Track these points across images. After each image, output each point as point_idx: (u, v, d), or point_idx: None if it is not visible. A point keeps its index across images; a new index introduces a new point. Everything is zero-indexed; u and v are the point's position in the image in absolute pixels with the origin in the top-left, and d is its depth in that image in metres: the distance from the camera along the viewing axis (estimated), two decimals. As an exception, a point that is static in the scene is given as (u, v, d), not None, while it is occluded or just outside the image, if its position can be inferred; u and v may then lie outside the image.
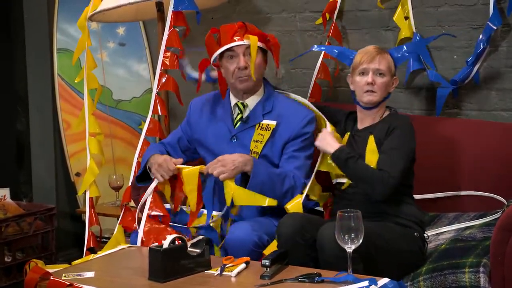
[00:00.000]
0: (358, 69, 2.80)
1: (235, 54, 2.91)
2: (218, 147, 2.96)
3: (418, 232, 2.69)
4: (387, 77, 2.79)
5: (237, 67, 2.90)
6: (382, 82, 2.78)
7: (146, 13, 3.68)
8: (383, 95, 2.80)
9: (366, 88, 2.78)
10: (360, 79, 2.80)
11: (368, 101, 2.79)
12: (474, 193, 2.99)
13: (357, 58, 2.82)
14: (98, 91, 3.59)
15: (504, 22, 3.15)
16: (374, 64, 2.78)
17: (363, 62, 2.79)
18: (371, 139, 2.76)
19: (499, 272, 2.41)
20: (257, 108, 2.96)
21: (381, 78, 2.78)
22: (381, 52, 2.81)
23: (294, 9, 3.69)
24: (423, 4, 3.35)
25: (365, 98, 2.79)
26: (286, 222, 2.63)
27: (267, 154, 2.90)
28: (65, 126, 4.26)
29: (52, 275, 2.43)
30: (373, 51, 2.80)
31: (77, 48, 3.60)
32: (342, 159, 2.72)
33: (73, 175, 4.28)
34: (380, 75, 2.78)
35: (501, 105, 3.23)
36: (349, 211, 2.26)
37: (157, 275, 2.39)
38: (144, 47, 4.18)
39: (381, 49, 2.84)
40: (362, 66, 2.79)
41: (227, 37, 2.91)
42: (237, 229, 2.72)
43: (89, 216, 3.46)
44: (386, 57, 2.81)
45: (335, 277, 2.29)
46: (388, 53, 2.84)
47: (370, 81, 2.77)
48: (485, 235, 2.68)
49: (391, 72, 2.81)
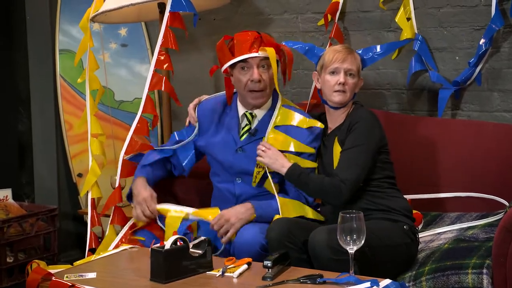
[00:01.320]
0: (329, 68, 2.79)
1: (249, 65, 2.86)
2: (224, 157, 2.94)
3: (407, 224, 2.68)
4: (356, 77, 2.81)
5: (250, 79, 2.85)
6: (352, 83, 2.79)
7: (148, 14, 3.68)
8: (351, 96, 2.81)
9: (337, 88, 2.77)
10: (331, 78, 2.79)
11: (339, 101, 2.79)
12: (476, 194, 2.99)
13: (328, 56, 2.81)
14: (100, 92, 3.60)
15: (506, 23, 3.15)
16: (346, 64, 2.77)
17: (334, 61, 2.78)
18: (336, 143, 2.78)
19: (502, 273, 2.40)
20: (264, 119, 2.92)
21: (352, 78, 2.78)
22: (352, 52, 2.81)
23: (296, 10, 3.69)
24: (425, 5, 3.35)
25: (336, 97, 2.78)
26: (273, 227, 2.64)
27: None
28: (67, 127, 4.27)
29: (54, 276, 2.43)
30: (344, 51, 2.80)
31: (79, 49, 3.61)
32: (296, 176, 2.74)
33: (75, 176, 4.28)
34: (350, 76, 2.78)
35: (503, 106, 3.23)
36: (351, 212, 2.26)
37: (159, 276, 2.39)
38: (146, 48, 4.18)
39: (351, 49, 2.84)
40: (334, 65, 2.78)
41: (242, 47, 2.85)
42: (245, 232, 2.72)
43: (91, 217, 3.46)
44: (356, 57, 2.82)
45: (337, 278, 2.29)
46: (357, 53, 2.85)
47: (342, 81, 2.76)
48: (488, 235, 2.68)
49: (359, 73, 2.83)
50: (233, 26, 3.80)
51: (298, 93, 3.72)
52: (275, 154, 2.80)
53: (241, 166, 2.90)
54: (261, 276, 2.36)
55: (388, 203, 2.71)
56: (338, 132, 2.79)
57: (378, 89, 3.50)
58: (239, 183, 2.93)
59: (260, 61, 2.86)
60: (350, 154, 2.70)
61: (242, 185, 2.92)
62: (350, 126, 2.75)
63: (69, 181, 4.33)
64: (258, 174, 2.88)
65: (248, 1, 3.81)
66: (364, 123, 2.74)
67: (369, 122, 2.75)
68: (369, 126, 2.74)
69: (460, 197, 3.03)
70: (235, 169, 2.92)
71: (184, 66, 3.66)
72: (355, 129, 2.73)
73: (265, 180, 2.89)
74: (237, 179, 2.93)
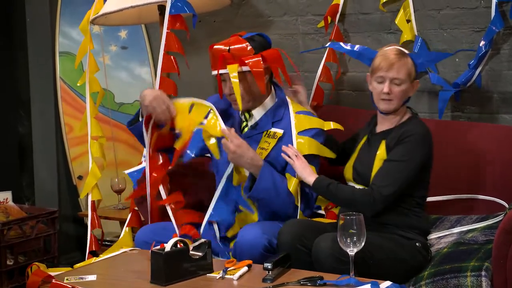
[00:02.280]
0: (376, 76, 2.72)
1: (224, 78, 2.91)
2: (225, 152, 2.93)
3: (420, 242, 2.67)
4: (406, 84, 2.71)
5: (224, 92, 2.93)
6: (399, 91, 2.70)
7: (148, 16, 3.68)
8: (401, 102, 2.73)
9: (383, 96, 2.71)
10: (377, 86, 2.72)
11: (385, 109, 2.74)
12: (476, 196, 2.99)
13: (376, 61, 2.74)
14: (100, 94, 3.60)
15: (506, 25, 3.15)
16: (391, 72, 2.69)
17: (381, 69, 2.70)
18: (383, 145, 2.72)
19: (502, 276, 2.40)
20: (265, 117, 2.94)
21: (399, 87, 2.70)
22: (401, 58, 2.71)
23: (296, 12, 3.69)
24: (425, 7, 3.35)
25: (381, 106, 2.74)
26: (286, 230, 2.63)
27: (271, 161, 2.89)
28: (67, 130, 4.27)
29: (54, 278, 2.43)
30: (392, 58, 2.70)
31: (79, 51, 3.61)
32: (324, 187, 2.70)
33: (75, 178, 4.28)
34: (397, 84, 2.70)
35: (503, 108, 3.22)
36: (351, 214, 2.26)
37: (159, 278, 2.39)
38: (146, 50, 4.18)
39: (401, 53, 2.73)
40: (379, 73, 2.71)
41: (213, 63, 2.93)
42: (247, 232, 2.71)
43: (91, 219, 3.47)
44: (406, 62, 2.71)
45: (338, 280, 2.29)
46: (408, 57, 2.74)
47: (386, 90, 2.69)
48: (488, 238, 2.68)
49: (410, 77, 2.72)
50: (233, 28, 3.79)
51: (298, 95, 3.71)
52: (304, 162, 2.78)
53: None
54: (261, 278, 2.36)
55: (411, 221, 2.69)
56: (388, 137, 2.73)
57: (378, 91, 3.49)
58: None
59: None
60: (394, 167, 2.65)
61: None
62: (401, 137, 2.68)
63: (69, 184, 4.33)
64: None
65: (248, 3, 3.82)
66: (415, 138, 2.67)
67: (420, 139, 2.68)
68: (420, 143, 2.68)
69: (460, 199, 3.03)
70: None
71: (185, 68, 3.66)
72: (406, 142, 2.66)
73: None
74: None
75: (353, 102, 3.54)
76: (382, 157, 2.70)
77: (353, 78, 3.56)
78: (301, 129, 2.90)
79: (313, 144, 2.88)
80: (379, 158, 2.70)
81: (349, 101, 3.56)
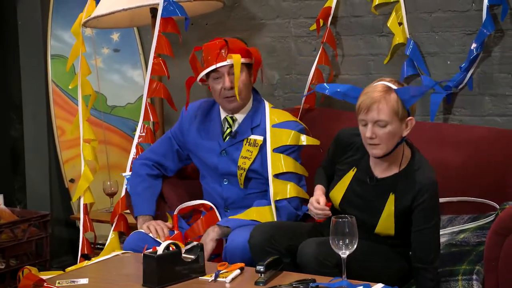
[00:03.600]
0: (358, 118, 2.47)
1: (220, 74, 2.90)
2: (210, 160, 2.99)
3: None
4: (392, 125, 2.42)
5: (223, 87, 2.90)
6: (384, 133, 2.42)
7: (141, 19, 3.68)
8: (392, 144, 2.46)
9: (368, 141, 2.46)
10: (362, 129, 2.47)
11: (374, 155, 2.50)
12: (467, 199, 2.99)
13: (358, 101, 2.46)
14: (93, 97, 3.60)
15: (497, 28, 3.16)
16: (371, 114, 2.41)
17: (361, 110, 2.44)
18: (391, 199, 2.50)
19: (493, 278, 2.40)
20: (245, 122, 2.96)
21: (383, 129, 2.42)
22: (383, 97, 2.41)
23: (288, 15, 3.69)
24: (416, 10, 3.35)
25: (370, 151, 2.49)
26: (255, 233, 2.62)
27: (257, 169, 2.91)
28: (60, 133, 4.26)
29: (45, 282, 2.42)
30: (373, 97, 2.42)
31: (71, 54, 3.61)
32: None
33: (67, 181, 4.27)
34: (381, 126, 2.43)
35: (494, 111, 3.23)
36: (343, 217, 2.26)
37: (151, 282, 2.38)
38: (138, 53, 4.18)
39: (385, 91, 2.43)
40: (360, 116, 2.45)
41: (211, 58, 2.90)
42: (237, 236, 2.72)
43: (83, 222, 3.46)
44: (388, 100, 2.41)
45: (330, 282, 2.29)
46: (394, 93, 2.43)
47: (369, 135, 2.43)
48: (479, 240, 2.68)
49: (398, 116, 2.42)
50: (225, 31, 3.80)
51: (291, 98, 3.72)
52: None
53: (226, 168, 2.96)
54: (253, 281, 2.35)
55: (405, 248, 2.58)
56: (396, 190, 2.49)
57: (370, 94, 3.50)
58: (226, 184, 2.98)
59: (229, 68, 2.89)
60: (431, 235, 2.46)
61: (229, 187, 2.97)
62: (418, 196, 2.45)
63: (61, 187, 4.32)
64: (241, 176, 2.91)
65: (241, 6, 3.82)
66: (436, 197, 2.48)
67: (436, 192, 2.48)
68: (437, 197, 2.49)
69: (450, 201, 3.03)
70: (220, 171, 2.97)
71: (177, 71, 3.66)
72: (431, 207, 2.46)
73: (249, 181, 2.92)
74: (224, 180, 2.98)
75: (345, 105, 3.52)
76: (391, 211, 2.50)
77: (345, 81, 3.56)
78: (276, 145, 2.90)
79: (288, 161, 2.89)
80: (388, 211, 2.51)
81: (341, 104, 3.55)
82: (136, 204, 3.01)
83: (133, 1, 3.37)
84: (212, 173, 3.00)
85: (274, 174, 2.87)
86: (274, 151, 2.88)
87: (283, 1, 3.69)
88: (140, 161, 3.09)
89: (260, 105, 3.00)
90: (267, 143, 2.90)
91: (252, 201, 2.92)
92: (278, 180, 2.87)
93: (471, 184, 3.00)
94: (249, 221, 2.81)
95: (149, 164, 3.06)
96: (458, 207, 3.00)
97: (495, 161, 2.96)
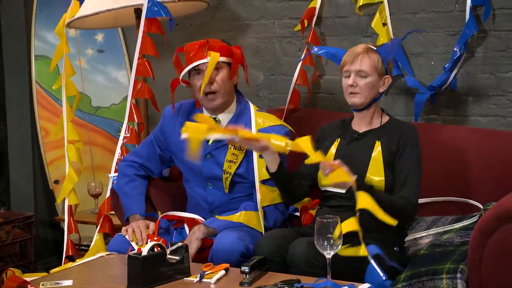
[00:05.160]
0: (343, 71, 2.74)
1: (200, 71, 2.89)
2: (193, 163, 2.93)
3: (397, 246, 2.67)
4: (372, 77, 2.69)
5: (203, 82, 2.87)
6: (365, 83, 2.68)
7: (125, 19, 3.67)
8: (369, 96, 2.71)
9: (349, 90, 2.71)
10: (344, 81, 2.73)
11: (352, 103, 2.72)
12: (451, 199, 3.01)
13: (343, 58, 2.75)
14: (77, 98, 3.59)
15: (480, 28, 3.18)
16: (355, 65, 2.69)
17: (346, 63, 2.72)
18: (378, 146, 2.70)
19: (477, 277, 2.42)
20: (230, 124, 2.93)
21: (364, 79, 2.68)
22: (365, 51, 2.71)
23: (273, 16, 3.70)
24: (400, 10, 3.37)
25: (349, 100, 2.72)
26: (263, 244, 2.60)
27: (242, 173, 2.90)
28: (44, 134, 4.24)
29: (29, 284, 2.41)
30: (357, 51, 2.71)
31: (55, 55, 3.59)
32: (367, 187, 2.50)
33: (51, 182, 4.25)
34: (362, 77, 2.69)
35: (478, 111, 3.25)
36: (328, 217, 2.26)
37: (136, 283, 2.38)
38: (123, 53, 4.17)
39: (368, 48, 2.73)
40: (345, 67, 2.72)
41: (190, 56, 2.89)
42: (224, 238, 2.70)
43: (68, 224, 3.45)
44: (371, 56, 2.70)
45: (315, 283, 2.29)
46: (376, 52, 2.72)
47: (351, 83, 2.69)
48: (463, 240, 2.70)
49: (377, 71, 2.70)
50: (210, 32, 3.80)
51: (276, 98, 3.72)
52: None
53: (210, 172, 2.93)
54: (238, 282, 2.35)
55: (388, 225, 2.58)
56: (382, 138, 2.70)
57: (355, 94, 3.51)
58: (210, 188, 2.95)
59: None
60: (412, 180, 2.65)
61: (214, 191, 2.95)
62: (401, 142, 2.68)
63: (45, 188, 4.30)
64: (227, 180, 2.90)
65: (225, 7, 3.82)
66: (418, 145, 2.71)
67: (417, 136, 2.73)
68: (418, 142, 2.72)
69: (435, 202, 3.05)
70: (205, 174, 2.94)
71: (161, 72, 3.66)
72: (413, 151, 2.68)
73: (235, 185, 2.91)
74: (209, 184, 2.95)
75: (330, 105, 3.56)
76: (378, 158, 2.67)
77: (330, 81, 3.57)
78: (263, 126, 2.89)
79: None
80: (376, 159, 2.67)
81: (326, 104, 3.58)
82: (126, 205, 2.99)
83: (117, 2, 3.36)
84: (196, 177, 2.97)
85: (261, 180, 2.86)
86: (260, 156, 2.87)
87: (268, 2, 3.70)
88: (125, 162, 3.08)
89: (244, 107, 2.98)
90: None
91: (238, 204, 2.89)
92: (265, 186, 2.86)
93: (455, 184, 3.01)
94: (236, 223, 2.81)
95: (135, 166, 3.05)
96: (442, 208, 3.02)
97: (479, 161, 2.97)
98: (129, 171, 3.03)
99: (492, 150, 2.98)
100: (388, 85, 2.75)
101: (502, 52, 3.18)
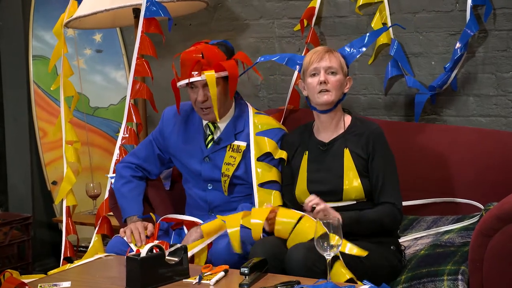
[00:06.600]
0: (309, 70, 2.69)
1: (195, 86, 2.86)
2: (193, 166, 2.95)
3: (393, 244, 2.66)
4: (340, 75, 2.68)
5: (197, 99, 2.85)
6: (335, 80, 2.66)
7: (123, 19, 3.66)
8: (338, 94, 2.68)
9: (320, 88, 2.66)
10: (312, 80, 2.68)
11: (324, 101, 2.66)
12: (451, 199, 3.00)
13: (306, 59, 2.71)
14: (75, 99, 3.57)
15: (481, 28, 3.17)
16: (324, 62, 2.67)
17: (313, 62, 2.68)
18: (347, 154, 2.67)
19: (478, 278, 2.41)
20: (228, 128, 2.92)
21: (334, 76, 2.67)
22: (330, 50, 2.72)
23: (272, 16, 3.69)
24: (400, 10, 3.36)
25: (320, 98, 2.66)
26: (257, 250, 2.55)
27: (240, 176, 2.89)
28: (41, 134, 4.22)
29: (27, 286, 2.39)
30: (321, 50, 2.71)
31: (53, 55, 3.58)
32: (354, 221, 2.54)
33: (49, 183, 4.24)
34: (332, 74, 2.67)
35: (478, 111, 3.24)
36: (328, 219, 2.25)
37: (134, 284, 2.36)
38: (121, 53, 4.15)
39: (330, 48, 2.75)
40: (313, 66, 2.68)
41: (186, 70, 2.85)
42: (222, 240, 2.69)
43: (66, 225, 3.44)
44: (336, 55, 2.71)
45: (315, 284, 2.28)
46: (337, 52, 2.75)
47: (323, 79, 2.65)
48: (464, 240, 2.69)
49: (343, 70, 2.70)
50: (209, 32, 3.79)
51: (275, 99, 3.71)
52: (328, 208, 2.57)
53: (209, 175, 2.93)
54: (238, 283, 2.34)
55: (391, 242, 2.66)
56: (348, 144, 2.67)
57: (355, 94, 3.50)
58: (210, 189, 2.95)
59: (204, 83, 2.83)
60: (393, 183, 2.63)
61: (214, 191, 2.94)
62: (368, 143, 2.65)
63: (43, 189, 4.29)
64: (225, 183, 2.89)
65: (224, 7, 3.80)
66: (386, 142, 2.67)
67: (386, 140, 2.69)
68: (385, 141, 2.68)
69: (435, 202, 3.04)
70: (204, 177, 2.94)
71: (160, 72, 3.65)
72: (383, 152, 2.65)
73: (234, 187, 2.90)
74: (209, 185, 2.94)
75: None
76: (351, 166, 2.64)
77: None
78: (259, 153, 2.88)
79: (272, 170, 2.87)
80: (348, 168, 2.64)
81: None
82: (124, 207, 2.98)
83: (115, 2, 3.35)
84: (196, 178, 2.97)
85: (259, 183, 2.85)
86: (258, 160, 2.86)
87: (267, 2, 3.68)
88: (123, 164, 3.07)
89: (243, 110, 2.97)
90: (251, 151, 2.88)
91: (237, 204, 2.89)
92: (263, 189, 2.85)
93: (455, 185, 3.00)
94: None
95: (132, 167, 3.04)
96: (442, 208, 3.01)
97: (480, 161, 2.96)
98: (126, 173, 3.02)
99: (492, 151, 2.97)
100: (350, 85, 2.75)
101: (503, 52, 3.16)
